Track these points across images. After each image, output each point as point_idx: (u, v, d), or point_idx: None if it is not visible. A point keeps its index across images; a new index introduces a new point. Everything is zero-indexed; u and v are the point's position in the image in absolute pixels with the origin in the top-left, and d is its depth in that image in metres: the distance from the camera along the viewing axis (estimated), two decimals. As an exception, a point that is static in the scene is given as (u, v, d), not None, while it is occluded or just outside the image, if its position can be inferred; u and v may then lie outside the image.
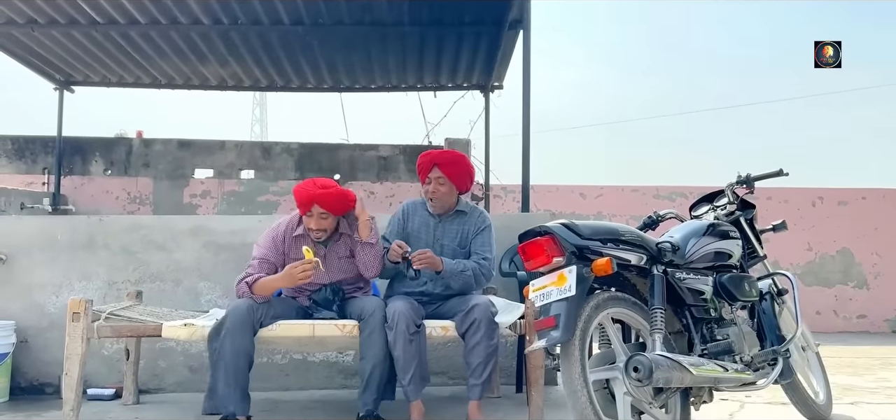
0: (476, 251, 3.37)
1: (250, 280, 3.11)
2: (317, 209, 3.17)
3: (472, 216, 3.46)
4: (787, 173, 3.31)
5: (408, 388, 3.02)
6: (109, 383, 3.99)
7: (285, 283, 3.11)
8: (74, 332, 2.97)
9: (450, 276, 3.25)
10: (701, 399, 2.80)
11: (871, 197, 8.14)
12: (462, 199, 3.51)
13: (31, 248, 4.09)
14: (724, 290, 2.94)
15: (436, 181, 3.36)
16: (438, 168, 3.35)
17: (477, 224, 3.44)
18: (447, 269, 3.22)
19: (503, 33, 5.80)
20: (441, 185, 3.36)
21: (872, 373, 4.91)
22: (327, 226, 3.23)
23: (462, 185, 3.42)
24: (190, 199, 8.63)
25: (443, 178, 3.36)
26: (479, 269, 3.31)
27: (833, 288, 7.95)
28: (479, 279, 3.32)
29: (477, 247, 3.39)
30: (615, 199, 8.24)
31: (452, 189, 3.39)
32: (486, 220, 3.47)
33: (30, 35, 6.26)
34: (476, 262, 3.32)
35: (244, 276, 3.16)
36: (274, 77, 7.41)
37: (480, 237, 3.41)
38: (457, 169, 3.38)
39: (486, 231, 3.43)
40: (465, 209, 3.47)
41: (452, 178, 3.37)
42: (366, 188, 8.64)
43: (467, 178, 3.44)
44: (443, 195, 3.38)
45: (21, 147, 8.66)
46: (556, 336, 2.43)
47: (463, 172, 3.41)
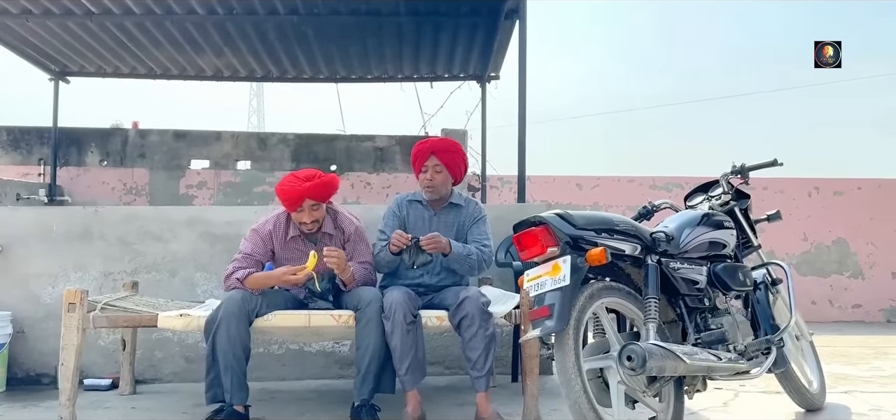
0: (475, 239, 3.39)
1: (241, 275, 3.11)
2: (308, 203, 3.16)
3: (467, 208, 3.48)
4: (781, 163, 3.32)
5: (405, 377, 3.02)
6: (106, 373, 4.00)
7: (280, 283, 3.13)
8: (70, 323, 2.97)
9: (455, 260, 3.25)
10: (695, 388, 2.82)
11: (866, 187, 8.16)
12: (455, 191, 3.51)
13: (27, 239, 4.09)
14: (719, 279, 2.94)
15: (433, 169, 3.37)
16: (435, 156, 3.36)
17: (472, 215, 3.46)
18: (455, 251, 3.22)
19: (499, 23, 5.79)
20: (438, 172, 3.37)
21: (867, 362, 4.93)
22: (320, 215, 3.23)
23: (457, 173, 3.43)
24: (186, 189, 8.62)
25: (440, 166, 3.37)
26: (481, 255, 3.33)
27: (828, 278, 7.98)
28: (481, 265, 3.34)
29: (475, 236, 3.40)
30: (611, 189, 8.24)
31: (448, 177, 3.41)
32: (481, 210, 3.49)
33: (24, 25, 6.24)
34: (478, 249, 3.33)
35: (232, 270, 3.15)
36: (270, 67, 7.39)
37: (477, 226, 3.43)
38: (453, 156, 3.40)
39: (482, 221, 3.46)
40: (459, 201, 3.48)
41: (449, 165, 3.38)
42: (362, 179, 8.64)
43: (462, 165, 3.46)
44: (440, 183, 3.39)
45: (16, 138, 8.63)
46: (551, 325, 2.44)
47: (459, 160, 3.43)
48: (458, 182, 3.50)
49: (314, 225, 3.23)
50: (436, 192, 3.42)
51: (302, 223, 3.22)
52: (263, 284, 3.12)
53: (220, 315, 2.97)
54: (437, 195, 3.43)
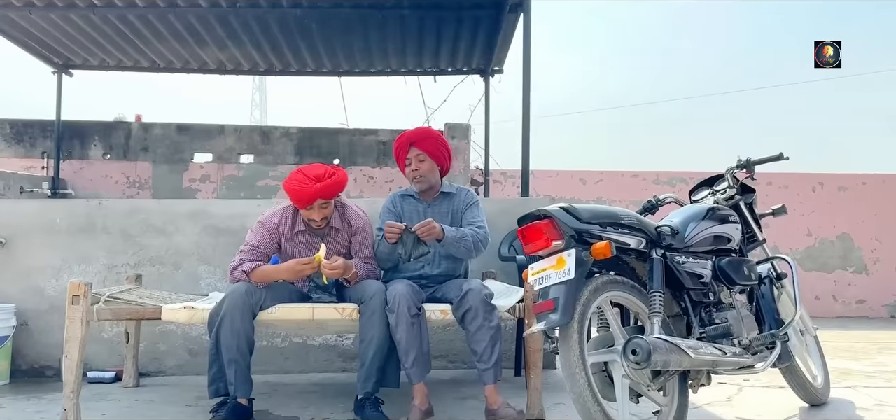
0: (468, 223, 3.39)
1: (248, 268, 3.10)
2: (319, 202, 3.16)
3: (459, 196, 3.50)
4: (787, 157, 3.30)
5: (411, 370, 3.01)
6: (110, 366, 4.01)
7: (287, 276, 3.12)
8: (74, 315, 2.97)
9: (451, 243, 3.25)
10: (699, 382, 2.81)
11: (871, 182, 8.14)
12: (445, 182, 3.53)
13: (30, 232, 4.09)
14: (723, 273, 2.94)
15: (415, 160, 3.39)
16: (415, 146, 3.39)
17: (465, 201, 3.48)
18: (448, 236, 3.21)
19: (503, 17, 5.77)
20: (421, 161, 3.39)
21: (870, 357, 4.92)
22: (329, 212, 3.23)
23: (441, 159, 3.44)
24: (189, 183, 8.62)
25: (422, 155, 3.39)
26: (476, 236, 3.32)
27: (832, 273, 7.96)
28: (477, 246, 3.32)
29: (469, 219, 3.40)
30: (615, 184, 8.23)
31: (433, 165, 3.42)
32: (472, 196, 3.51)
33: (28, 18, 6.23)
34: (472, 230, 3.33)
35: (238, 263, 3.14)
36: (273, 61, 7.38)
37: (470, 211, 3.44)
38: (433, 143, 3.41)
39: (475, 205, 3.47)
40: (451, 190, 3.51)
41: (431, 153, 3.40)
42: (365, 173, 8.63)
43: (445, 152, 3.46)
44: (426, 172, 3.40)
45: (19, 131, 8.64)
46: (555, 319, 2.43)
47: (440, 145, 3.44)
48: (446, 170, 3.51)
49: (324, 221, 3.22)
50: (424, 181, 3.42)
51: (311, 220, 3.22)
52: (271, 278, 3.12)
53: (224, 308, 2.97)
54: (427, 184, 3.44)
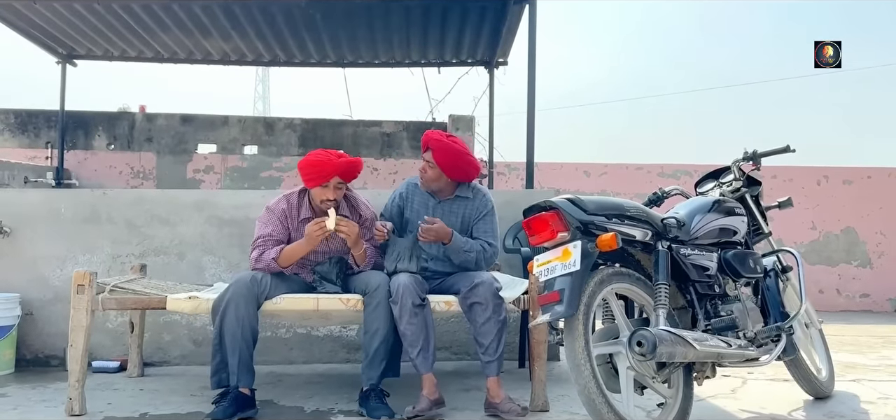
0: (479, 236, 3.33)
1: (274, 254, 3.10)
2: (335, 181, 3.14)
3: (475, 201, 3.39)
4: (793, 150, 3.29)
5: (417, 361, 2.99)
6: (114, 356, 4.02)
7: (307, 246, 3.10)
8: (79, 305, 2.97)
9: (453, 251, 3.22)
10: (704, 374, 2.81)
11: (876, 176, 8.10)
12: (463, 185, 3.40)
13: (35, 222, 4.09)
14: (729, 266, 2.93)
15: (426, 163, 3.32)
16: (431, 152, 3.28)
17: (479, 209, 3.38)
18: (455, 243, 3.19)
19: (509, 8, 5.74)
20: (430, 168, 3.30)
21: (875, 351, 4.92)
22: (341, 196, 3.21)
23: (453, 175, 3.30)
24: (193, 174, 8.62)
25: (432, 163, 3.28)
26: (483, 253, 3.27)
27: (836, 267, 7.94)
28: (480, 264, 3.28)
29: (480, 231, 3.34)
30: (619, 177, 8.20)
31: (441, 176, 3.30)
32: (487, 204, 3.40)
33: (32, 7, 6.21)
34: (481, 246, 3.29)
35: (260, 253, 3.13)
36: (277, 52, 7.36)
37: (483, 222, 3.36)
38: (448, 159, 3.25)
39: (489, 216, 3.38)
40: (466, 194, 3.39)
41: (442, 165, 3.26)
42: (369, 164, 8.62)
43: (460, 171, 3.30)
44: (429, 179, 3.32)
45: (24, 121, 8.65)
46: (560, 310, 2.43)
47: (454, 165, 3.27)
48: (462, 180, 3.36)
49: (334, 203, 3.17)
50: (426, 185, 3.37)
51: (324, 201, 3.16)
52: (296, 255, 3.12)
53: (228, 295, 2.97)
54: (430, 189, 3.37)
